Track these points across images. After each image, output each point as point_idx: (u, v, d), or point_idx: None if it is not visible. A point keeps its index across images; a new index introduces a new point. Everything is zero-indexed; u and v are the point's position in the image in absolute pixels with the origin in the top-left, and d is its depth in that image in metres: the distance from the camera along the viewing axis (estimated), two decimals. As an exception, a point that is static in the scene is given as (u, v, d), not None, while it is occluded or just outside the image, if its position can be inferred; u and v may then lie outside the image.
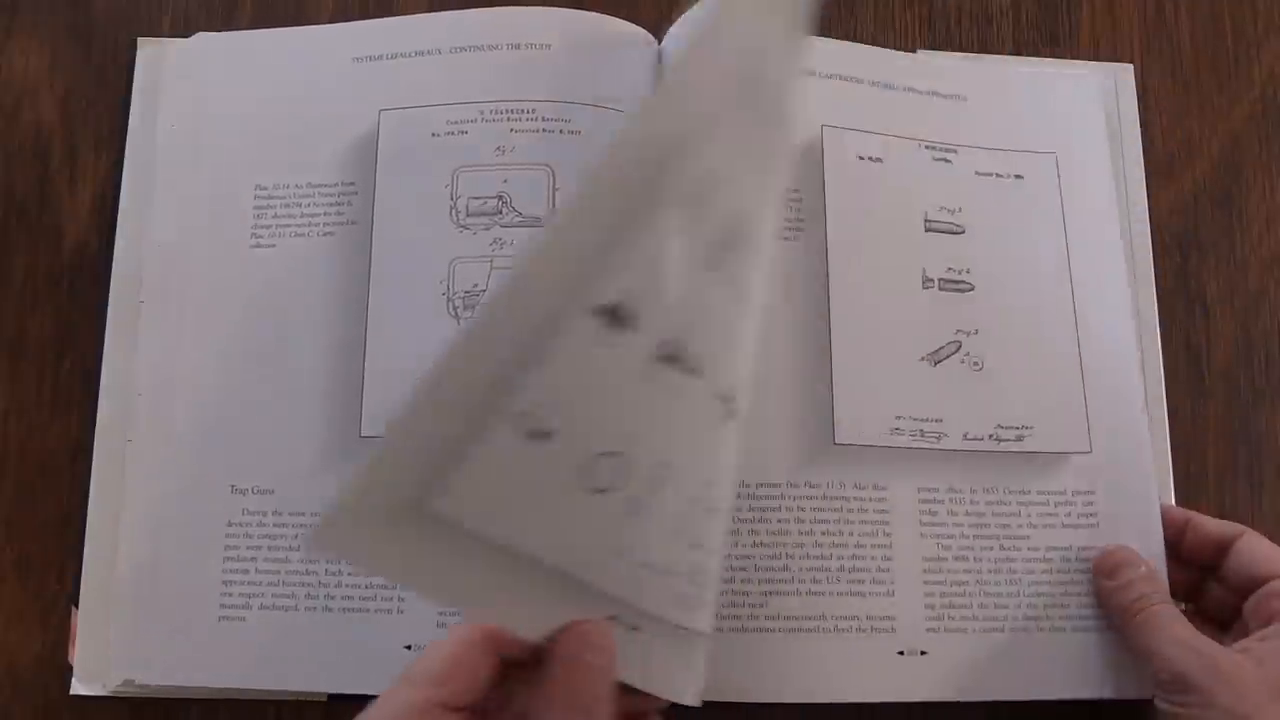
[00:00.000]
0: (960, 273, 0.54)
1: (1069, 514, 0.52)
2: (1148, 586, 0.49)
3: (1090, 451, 0.52)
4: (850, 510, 0.51)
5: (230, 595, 0.50)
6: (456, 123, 0.54)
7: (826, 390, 0.52)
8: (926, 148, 0.56)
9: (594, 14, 0.56)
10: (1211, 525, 0.50)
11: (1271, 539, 0.54)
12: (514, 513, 0.36)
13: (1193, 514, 0.51)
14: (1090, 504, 0.52)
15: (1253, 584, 0.48)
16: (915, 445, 0.52)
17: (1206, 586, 0.51)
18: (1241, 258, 0.58)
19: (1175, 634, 0.46)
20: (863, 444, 0.51)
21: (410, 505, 0.34)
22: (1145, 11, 0.61)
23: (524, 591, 0.37)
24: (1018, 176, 0.56)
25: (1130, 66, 0.59)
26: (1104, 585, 0.50)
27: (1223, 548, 0.49)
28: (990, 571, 0.51)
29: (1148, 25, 0.61)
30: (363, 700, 0.50)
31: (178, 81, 0.57)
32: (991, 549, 0.51)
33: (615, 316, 0.35)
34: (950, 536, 0.51)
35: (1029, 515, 0.52)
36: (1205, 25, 0.61)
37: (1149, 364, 0.55)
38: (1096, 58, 0.60)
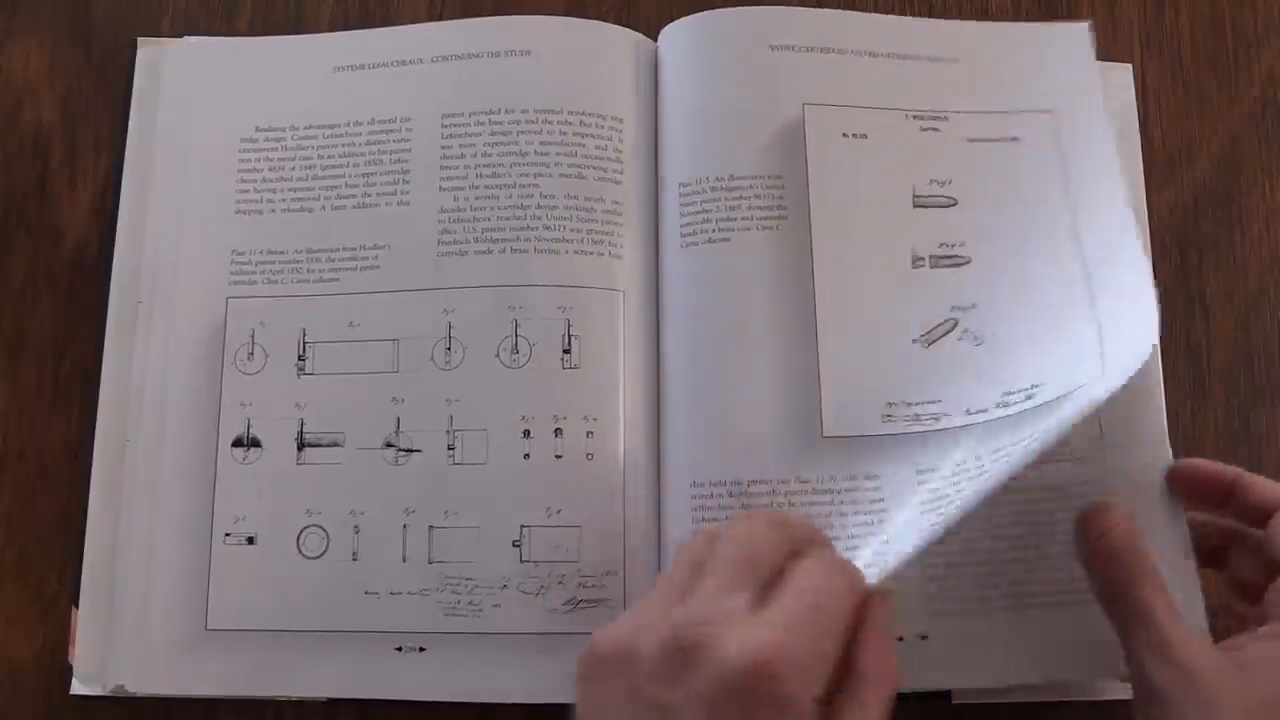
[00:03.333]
0: (954, 246, 0.53)
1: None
2: (1138, 558, 0.43)
3: (1102, 375, 0.49)
4: (843, 503, 0.49)
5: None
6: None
7: (813, 382, 0.51)
8: (914, 117, 0.54)
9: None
10: (1261, 489, 0.46)
11: (1271, 539, 0.54)
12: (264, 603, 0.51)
13: (1241, 473, 0.47)
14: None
15: (1267, 516, 0.45)
16: (911, 430, 0.50)
17: (1234, 555, 0.47)
18: (1241, 258, 0.58)
19: (1158, 636, 0.41)
20: (853, 435, 0.50)
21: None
22: (1145, 11, 0.61)
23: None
24: (1013, 139, 0.55)
25: (1130, 66, 0.59)
26: (1092, 545, 0.44)
27: (1266, 515, 0.45)
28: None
29: (1148, 25, 0.61)
30: (361, 703, 0.50)
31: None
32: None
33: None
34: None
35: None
36: (1205, 25, 0.61)
37: (1148, 364, 0.55)
38: (1096, 57, 0.59)
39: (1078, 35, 0.57)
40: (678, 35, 0.56)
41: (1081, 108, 0.56)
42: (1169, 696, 0.40)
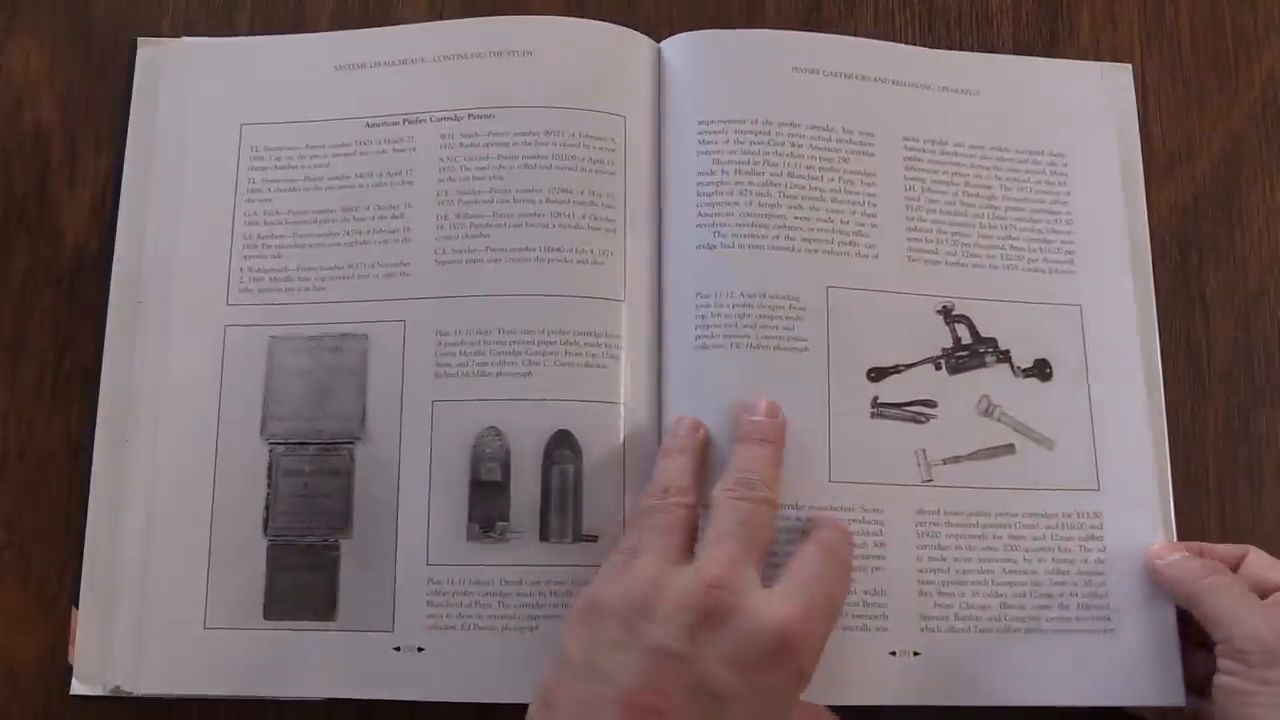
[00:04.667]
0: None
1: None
2: (1211, 564, 0.49)
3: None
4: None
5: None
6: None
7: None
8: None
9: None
10: (1220, 549, 0.50)
11: (1272, 538, 0.54)
12: None
13: (1200, 544, 0.51)
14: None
15: (1263, 594, 0.48)
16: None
17: None
18: (1241, 258, 0.58)
19: (1254, 605, 0.46)
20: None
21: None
22: (1145, 11, 0.61)
23: None
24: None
25: (1130, 66, 0.59)
26: (1158, 565, 0.50)
27: (1233, 568, 0.49)
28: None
29: (1148, 25, 0.61)
30: (359, 704, 0.50)
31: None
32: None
33: None
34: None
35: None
36: (1205, 25, 0.61)
37: (1148, 364, 0.55)
38: (1096, 57, 0.59)
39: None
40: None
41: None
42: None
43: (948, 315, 0.54)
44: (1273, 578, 0.48)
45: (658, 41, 0.56)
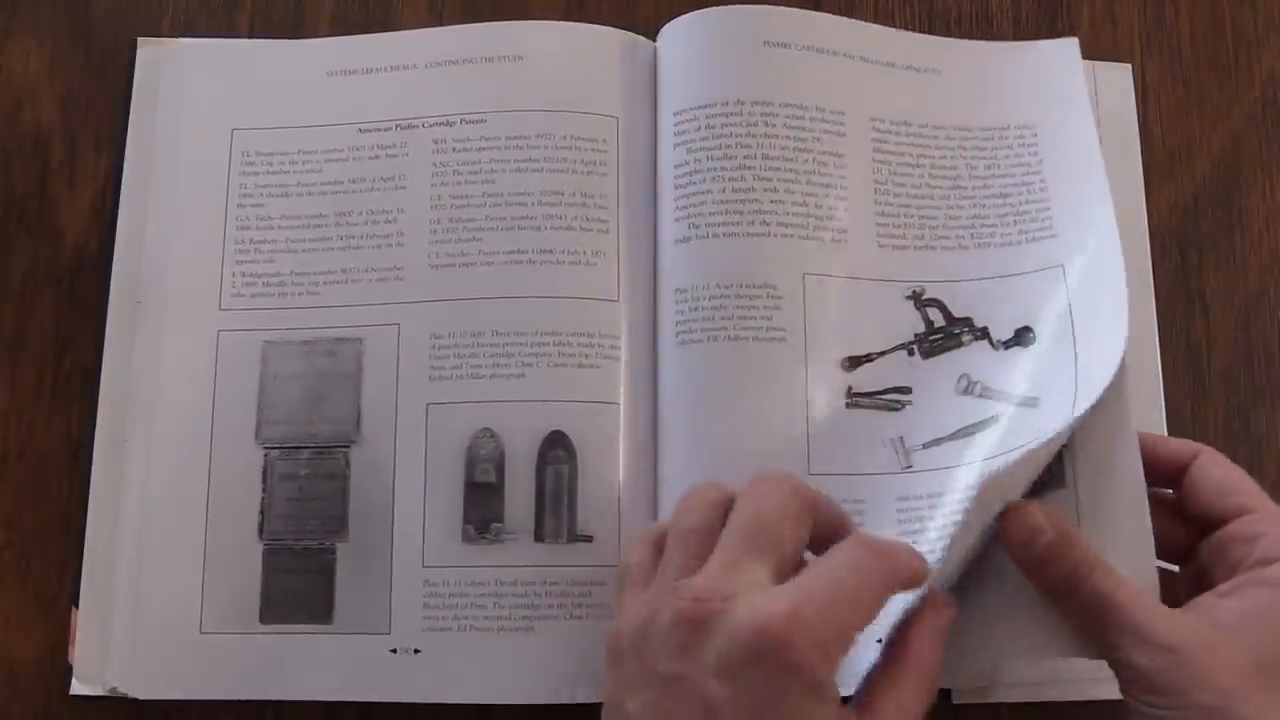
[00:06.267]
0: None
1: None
2: (1075, 552, 0.41)
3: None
4: None
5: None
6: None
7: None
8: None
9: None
10: (1164, 447, 0.45)
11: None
12: None
13: (1145, 434, 0.44)
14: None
15: (1208, 519, 0.43)
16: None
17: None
18: (1241, 258, 0.58)
19: (1130, 619, 0.39)
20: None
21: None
22: (1145, 11, 0.61)
23: None
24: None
25: (1129, 66, 0.59)
26: (1021, 558, 0.42)
27: (1178, 471, 0.44)
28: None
29: (1148, 25, 0.61)
30: (357, 706, 0.50)
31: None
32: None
33: None
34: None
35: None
36: (1205, 25, 0.61)
37: (1148, 364, 0.55)
38: (1096, 57, 0.59)
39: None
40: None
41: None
42: (1157, 678, 0.38)
43: (918, 300, 0.53)
44: (1219, 505, 0.43)
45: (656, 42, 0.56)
